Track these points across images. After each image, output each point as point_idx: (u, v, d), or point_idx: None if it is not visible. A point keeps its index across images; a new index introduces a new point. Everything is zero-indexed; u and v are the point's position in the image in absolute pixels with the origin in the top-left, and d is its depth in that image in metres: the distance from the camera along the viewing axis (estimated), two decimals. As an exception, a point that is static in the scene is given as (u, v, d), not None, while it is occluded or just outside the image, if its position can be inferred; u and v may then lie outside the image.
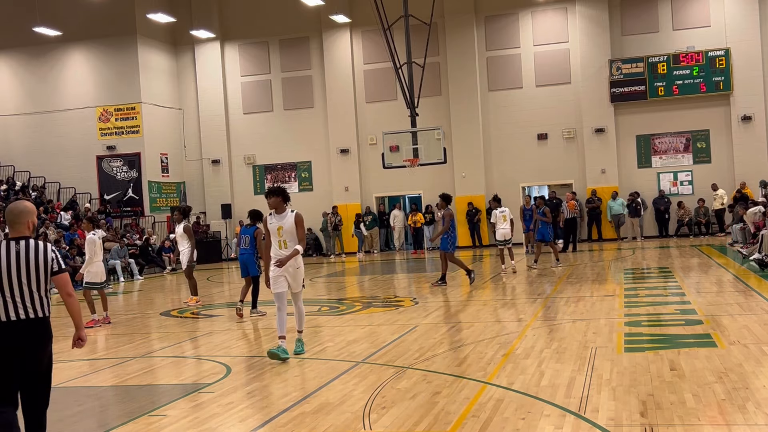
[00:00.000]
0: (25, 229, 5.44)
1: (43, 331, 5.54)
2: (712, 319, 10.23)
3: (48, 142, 30.04)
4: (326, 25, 29.95)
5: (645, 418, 5.97)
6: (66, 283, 5.53)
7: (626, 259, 20.91)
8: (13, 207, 5.48)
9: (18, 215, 5.43)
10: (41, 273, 5.39)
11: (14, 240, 5.40)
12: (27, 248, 5.37)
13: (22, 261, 5.31)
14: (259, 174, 31.41)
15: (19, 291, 5.30)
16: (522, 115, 28.52)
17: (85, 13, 29.09)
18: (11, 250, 5.34)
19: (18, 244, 5.36)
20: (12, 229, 5.44)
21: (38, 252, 5.40)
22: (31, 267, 5.34)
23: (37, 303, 5.41)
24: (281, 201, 9.26)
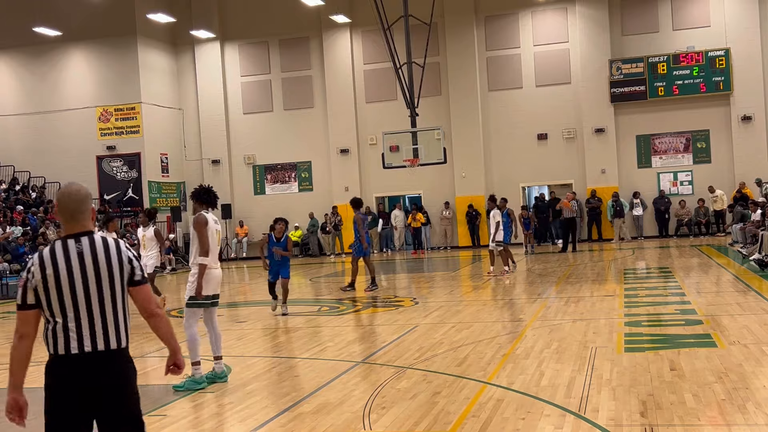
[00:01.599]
0: (88, 222, 3.92)
1: (123, 366, 3.85)
2: (712, 319, 10.24)
3: (48, 142, 30.03)
4: (326, 25, 29.95)
5: (645, 418, 5.98)
6: (149, 297, 3.99)
7: (626, 259, 20.91)
8: (72, 192, 3.93)
9: (80, 202, 3.91)
10: (117, 282, 3.83)
11: (73, 238, 3.83)
12: (93, 248, 3.81)
13: (88, 266, 3.76)
14: (259, 174, 31.41)
15: (86, 311, 3.73)
16: (522, 115, 28.52)
17: (85, 13, 29.08)
18: (71, 253, 3.76)
19: (79, 243, 3.80)
20: (70, 222, 3.88)
21: (110, 252, 3.84)
22: (102, 274, 3.78)
23: (112, 327, 3.79)
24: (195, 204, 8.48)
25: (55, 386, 3.72)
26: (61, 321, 3.72)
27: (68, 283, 3.73)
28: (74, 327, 3.72)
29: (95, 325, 3.75)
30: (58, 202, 3.92)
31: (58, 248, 3.79)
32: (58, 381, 3.72)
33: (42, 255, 3.79)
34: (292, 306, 13.68)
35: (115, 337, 3.80)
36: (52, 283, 3.72)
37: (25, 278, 3.77)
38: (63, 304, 3.72)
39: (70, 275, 3.73)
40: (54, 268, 3.73)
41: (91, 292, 3.76)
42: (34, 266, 3.75)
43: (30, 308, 3.75)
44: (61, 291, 3.72)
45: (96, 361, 3.74)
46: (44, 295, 3.72)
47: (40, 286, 3.72)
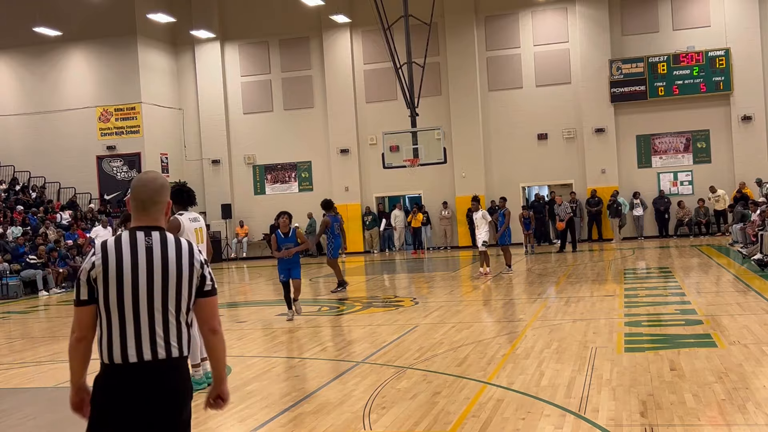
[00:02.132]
0: (161, 216, 3.53)
1: (180, 380, 3.40)
2: (712, 319, 10.23)
3: (48, 142, 30.02)
4: (326, 25, 29.94)
5: (645, 418, 5.97)
6: (215, 311, 3.55)
7: (626, 259, 20.90)
8: (147, 179, 3.55)
9: (155, 192, 3.50)
10: (185, 287, 3.42)
11: (143, 230, 3.45)
12: (164, 245, 3.42)
13: (156, 264, 3.37)
14: (259, 174, 31.41)
15: (147, 313, 3.34)
16: (522, 115, 28.51)
17: (85, 13, 29.07)
18: (139, 246, 3.39)
19: (149, 237, 3.42)
20: (140, 213, 3.50)
21: (182, 253, 3.44)
22: (170, 275, 3.38)
23: (174, 334, 3.39)
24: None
25: (101, 400, 3.35)
26: (117, 321, 3.32)
27: (131, 278, 3.33)
28: (132, 331, 3.31)
29: (156, 331, 3.33)
30: (132, 189, 3.53)
31: (124, 239, 3.40)
32: (106, 394, 3.34)
33: (106, 244, 3.41)
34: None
35: (178, 346, 3.38)
36: (113, 276, 3.32)
37: (83, 269, 3.38)
38: (122, 302, 3.32)
39: (134, 270, 3.34)
40: (117, 259, 3.34)
41: (155, 293, 3.34)
42: (96, 256, 3.37)
43: (85, 304, 3.37)
44: (121, 286, 3.32)
45: (150, 372, 3.31)
46: (103, 288, 3.33)
47: (99, 278, 3.34)
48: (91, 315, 3.39)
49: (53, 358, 10.63)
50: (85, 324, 3.40)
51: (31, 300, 19.84)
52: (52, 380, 9.12)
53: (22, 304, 19.01)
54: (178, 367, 3.38)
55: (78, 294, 3.41)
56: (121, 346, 3.33)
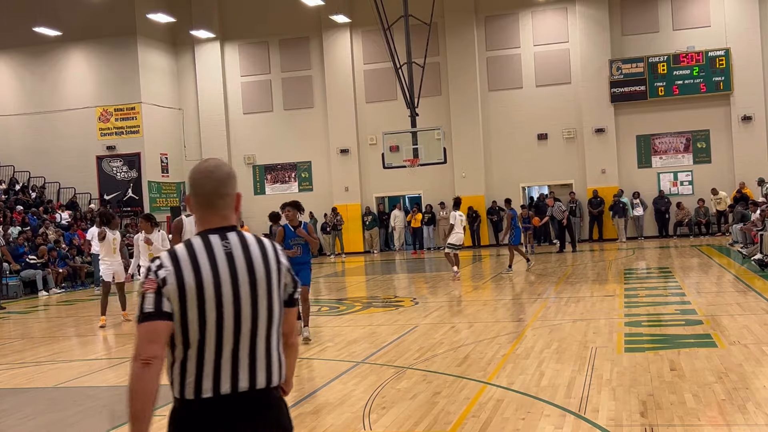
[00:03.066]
0: (231, 212, 2.89)
1: (276, 412, 2.84)
2: (712, 319, 10.23)
3: (48, 142, 30.02)
4: (326, 25, 29.94)
5: (645, 418, 5.97)
6: (294, 323, 3.03)
7: (626, 259, 20.90)
8: (209, 168, 2.88)
9: (220, 182, 2.86)
10: (275, 297, 2.84)
11: (217, 233, 2.82)
12: (246, 248, 2.81)
13: (241, 274, 2.76)
14: (259, 174, 31.41)
15: (232, 336, 2.72)
16: (522, 115, 28.51)
17: (85, 13, 29.07)
18: (217, 253, 2.76)
19: (226, 241, 2.80)
20: (206, 210, 2.86)
21: (267, 255, 2.85)
22: (259, 285, 2.78)
23: (262, 359, 2.78)
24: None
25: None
26: (195, 349, 2.69)
27: (214, 295, 2.69)
28: (213, 358, 2.69)
29: (240, 356, 2.72)
30: (191, 181, 2.87)
31: (198, 246, 2.75)
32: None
33: (177, 255, 2.73)
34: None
35: (265, 372, 2.77)
36: (192, 296, 2.67)
37: (153, 283, 2.69)
38: (203, 325, 2.67)
39: (217, 285, 2.70)
40: (196, 274, 2.69)
41: (243, 310, 2.73)
42: (166, 270, 2.69)
43: (160, 317, 2.65)
44: (203, 306, 2.67)
45: (239, 404, 2.72)
46: (179, 308, 2.67)
47: (174, 298, 2.67)
48: (167, 331, 2.67)
49: (53, 358, 10.63)
50: (160, 341, 2.65)
51: (30, 300, 19.84)
52: (52, 380, 9.12)
53: (21, 304, 19.00)
54: (279, 397, 2.83)
55: (149, 305, 2.66)
56: (211, 375, 2.69)
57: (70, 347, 11.52)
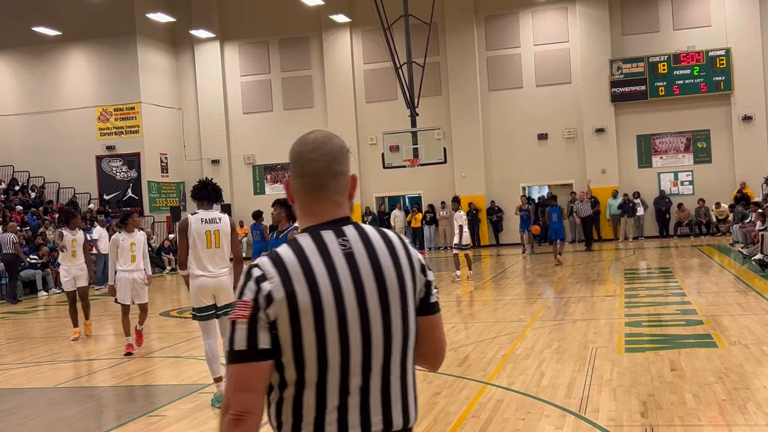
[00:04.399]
0: (346, 198, 2.25)
1: None
2: (713, 320, 10.22)
3: (47, 142, 30.00)
4: (326, 25, 29.93)
5: (645, 419, 5.96)
6: (442, 333, 2.34)
7: (626, 259, 20.89)
8: (321, 140, 2.31)
9: (335, 157, 2.28)
10: (410, 307, 2.18)
11: (331, 228, 2.16)
12: (369, 246, 2.14)
13: (367, 282, 2.10)
14: (259, 174, 31.40)
15: (360, 363, 2.07)
16: (522, 115, 28.49)
17: (85, 13, 29.06)
18: (334, 256, 2.10)
19: (344, 238, 2.14)
20: (315, 195, 2.21)
21: (397, 254, 2.18)
22: (391, 295, 2.13)
23: (397, 391, 2.15)
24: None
25: None
26: (313, 388, 2.04)
27: (336, 315, 2.04)
28: (336, 397, 2.05)
29: (371, 392, 2.09)
30: (294, 157, 2.28)
31: (308, 247, 2.09)
32: None
33: (283, 261, 2.06)
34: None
35: (401, 410, 2.14)
36: (308, 317, 2.02)
37: (247, 307, 2.02)
38: (324, 356, 2.03)
39: (339, 300, 2.05)
40: (311, 287, 2.03)
41: (373, 331, 2.08)
42: (271, 282, 2.02)
43: (255, 358, 2.01)
44: (322, 330, 2.02)
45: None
46: (290, 338, 2.01)
47: (283, 321, 2.01)
48: (265, 375, 2.04)
49: (53, 358, 10.62)
50: (256, 390, 2.02)
51: (30, 300, 19.83)
52: (52, 380, 9.12)
53: (21, 304, 18.99)
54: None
55: (240, 340, 2.01)
56: (335, 420, 2.06)
57: (70, 347, 11.52)
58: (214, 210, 7.48)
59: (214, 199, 7.46)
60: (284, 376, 2.06)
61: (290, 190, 2.28)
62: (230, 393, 2.02)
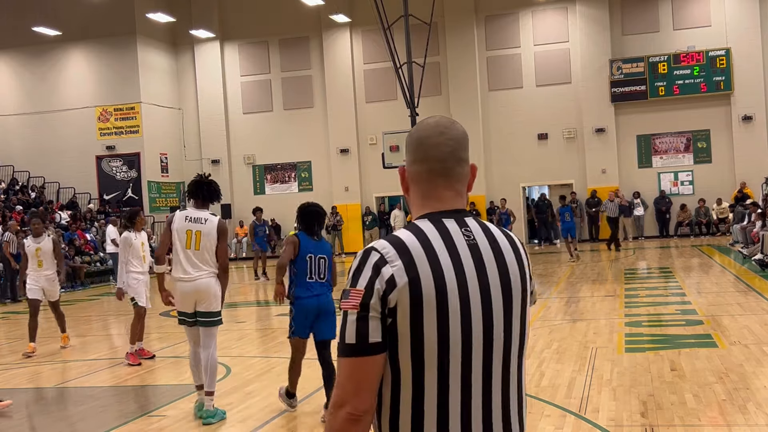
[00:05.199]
0: (465, 189, 2.09)
1: None
2: (713, 320, 10.22)
3: (47, 142, 30.00)
4: (326, 25, 29.93)
5: (645, 419, 5.96)
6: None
7: (626, 259, 20.89)
8: (445, 124, 2.09)
9: (459, 143, 2.07)
10: (527, 311, 2.12)
11: (452, 217, 2.00)
12: (492, 240, 2.00)
13: (492, 276, 1.96)
14: (259, 174, 31.39)
15: (482, 365, 1.92)
16: (522, 115, 28.49)
17: (85, 13, 29.06)
18: (459, 246, 1.94)
19: (468, 229, 1.99)
20: (441, 185, 2.05)
21: (519, 251, 2.06)
22: (515, 292, 2.02)
23: (515, 397, 2.01)
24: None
25: None
26: (434, 389, 1.87)
27: (460, 308, 1.88)
28: (459, 402, 1.88)
29: (493, 398, 1.93)
30: (416, 142, 2.09)
31: (431, 233, 1.93)
32: None
33: (405, 245, 1.90)
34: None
35: (518, 419, 2.01)
36: (430, 308, 1.85)
37: (358, 294, 1.87)
38: (445, 354, 1.86)
39: (464, 292, 1.89)
40: (436, 275, 1.87)
41: (495, 330, 1.94)
42: (393, 265, 1.86)
43: (371, 351, 1.86)
44: (445, 325, 1.86)
45: None
46: (409, 325, 1.85)
47: (403, 307, 1.85)
48: (379, 370, 1.88)
49: (53, 358, 10.62)
50: (369, 386, 1.87)
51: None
52: (52, 380, 9.12)
53: (21, 304, 18.99)
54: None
55: (351, 332, 1.87)
56: (458, 427, 1.89)
57: (70, 347, 11.51)
58: (205, 210, 6.87)
59: (208, 199, 6.90)
60: (400, 374, 1.88)
61: (407, 177, 2.12)
62: (348, 390, 1.85)
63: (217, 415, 6.68)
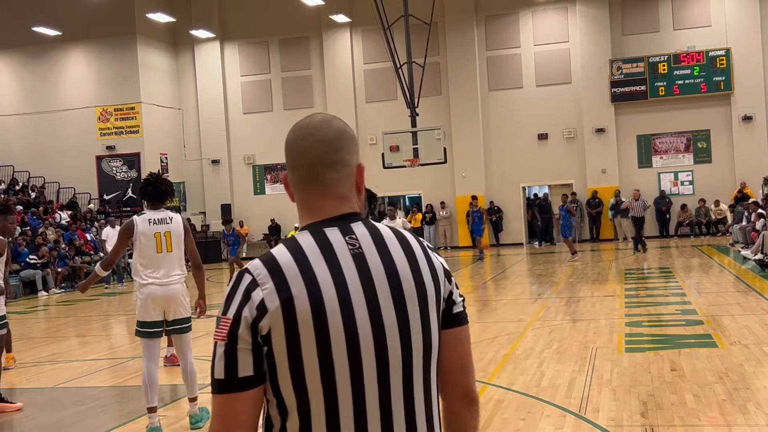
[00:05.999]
0: (351, 189, 1.93)
1: None
2: (713, 320, 10.22)
3: (47, 142, 30.00)
4: (326, 25, 29.93)
5: (645, 419, 5.96)
6: (470, 356, 1.98)
7: (626, 259, 20.89)
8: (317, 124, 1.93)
9: (332, 144, 1.90)
10: (433, 322, 1.83)
11: (335, 225, 1.83)
12: (381, 247, 1.81)
13: (381, 288, 1.75)
14: (259, 174, 31.39)
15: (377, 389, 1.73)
16: (522, 115, 28.49)
17: (85, 13, 29.06)
18: (341, 257, 1.77)
19: (352, 236, 1.81)
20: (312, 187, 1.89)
21: (415, 256, 1.84)
22: (409, 304, 1.78)
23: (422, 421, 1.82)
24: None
25: None
26: (321, 419, 1.71)
27: (343, 328, 1.70)
28: (353, 428, 1.72)
29: (394, 417, 1.75)
30: (287, 146, 1.93)
31: (309, 247, 1.77)
32: None
33: (277, 263, 1.74)
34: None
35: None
36: (307, 330, 1.69)
37: (226, 324, 1.71)
38: (329, 369, 1.70)
39: (347, 310, 1.71)
40: (311, 293, 1.70)
41: (390, 349, 1.75)
42: (264, 288, 1.70)
43: (241, 387, 1.70)
44: (327, 347, 1.69)
45: None
46: (285, 350, 1.69)
47: (278, 331, 1.68)
48: (252, 406, 1.72)
49: (53, 358, 10.62)
50: (242, 424, 1.71)
51: (30, 300, 19.83)
52: (52, 380, 9.11)
53: (21, 304, 18.99)
54: None
55: (222, 368, 1.71)
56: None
57: (70, 347, 11.51)
58: (165, 210, 6.56)
59: (162, 199, 6.55)
60: (284, 404, 1.72)
61: (286, 183, 1.96)
62: (215, 427, 1.72)
63: (203, 417, 6.57)
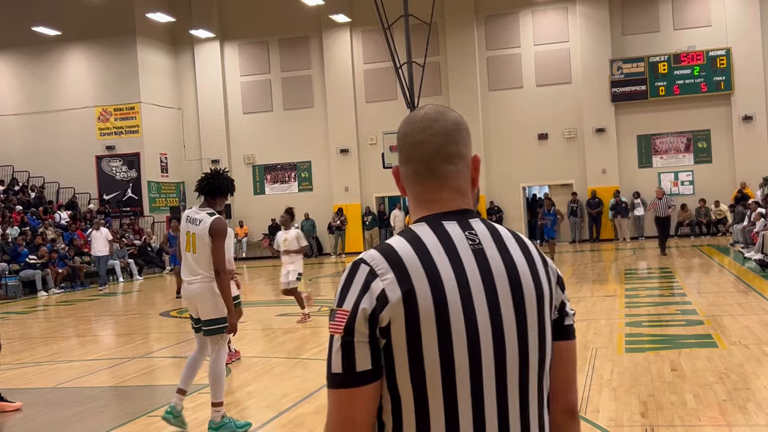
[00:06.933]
0: (468, 186, 1.81)
1: None
2: (713, 320, 10.21)
3: (47, 142, 29.99)
4: (326, 25, 29.92)
5: (646, 419, 5.95)
6: (575, 369, 1.83)
7: (626, 259, 20.88)
8: (433, 116, 1.78)
9: (449, 136, 1.77)
10: (547, 327, 1.73)
11: (454, 219, 1.72)
12: (501, 244, 1.71)
13: (500, 284, 1.66)
14: (259, 174, 31.39)
15: (495, 389, 1.64)
16: (522, 115, 28.49)
17: (85, 13, 29.06)
18: (461, 252, 1.66)
19: (472, 232, 1.70)
20: (429, 182, 1.77)
21: (532, 257, 1.74)
22: (528, 307, 1.68)
23: (536, 426, 1.70)
24: None
25: None
26: (439, 417, 1.62)
27: (465, 325, 1.62)
28: (472, 428, 1.63)
29: (510, 418, 1.66)
30: (400, 139, 1.82)
31: (429, 239, 1.68)
32: None
33: (397, 254, 1.65)
34: (289, 307, 13.58)
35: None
36: (429, 325, 1.60)
37: (346, 313, 1.64)
38: (450, 373, 1.61)
39: (469, 306, 1.63)
40: (434, 287, 1.62)
41: (508, 350, 1.66)
42: (384, 278, 1.62)
43: (362, 381, 1.63)
44: (448, 336, 1.61)
45: None
46: (405, 344, 1.61)
47: (398, 324, 1.60)
48: (371, 402, 1.65)
49: (53, 358, 10.61)
50: (361, 421, 1.65)
51: (30, 300, 19.83)
52: (52, 380, 9.11)
53: (21, 304, 18.99)
54: None
55: (339, 362, 1.65)
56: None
57: (70, 347, 11.51)
58: (204, 210, 6.38)
59: (210, 194, 6.42)
60: (401, 401, 1.63)
61: (399, 178, 1.84)
62: (334, 426, 1.66)
63: (226, 426, 6.27)
